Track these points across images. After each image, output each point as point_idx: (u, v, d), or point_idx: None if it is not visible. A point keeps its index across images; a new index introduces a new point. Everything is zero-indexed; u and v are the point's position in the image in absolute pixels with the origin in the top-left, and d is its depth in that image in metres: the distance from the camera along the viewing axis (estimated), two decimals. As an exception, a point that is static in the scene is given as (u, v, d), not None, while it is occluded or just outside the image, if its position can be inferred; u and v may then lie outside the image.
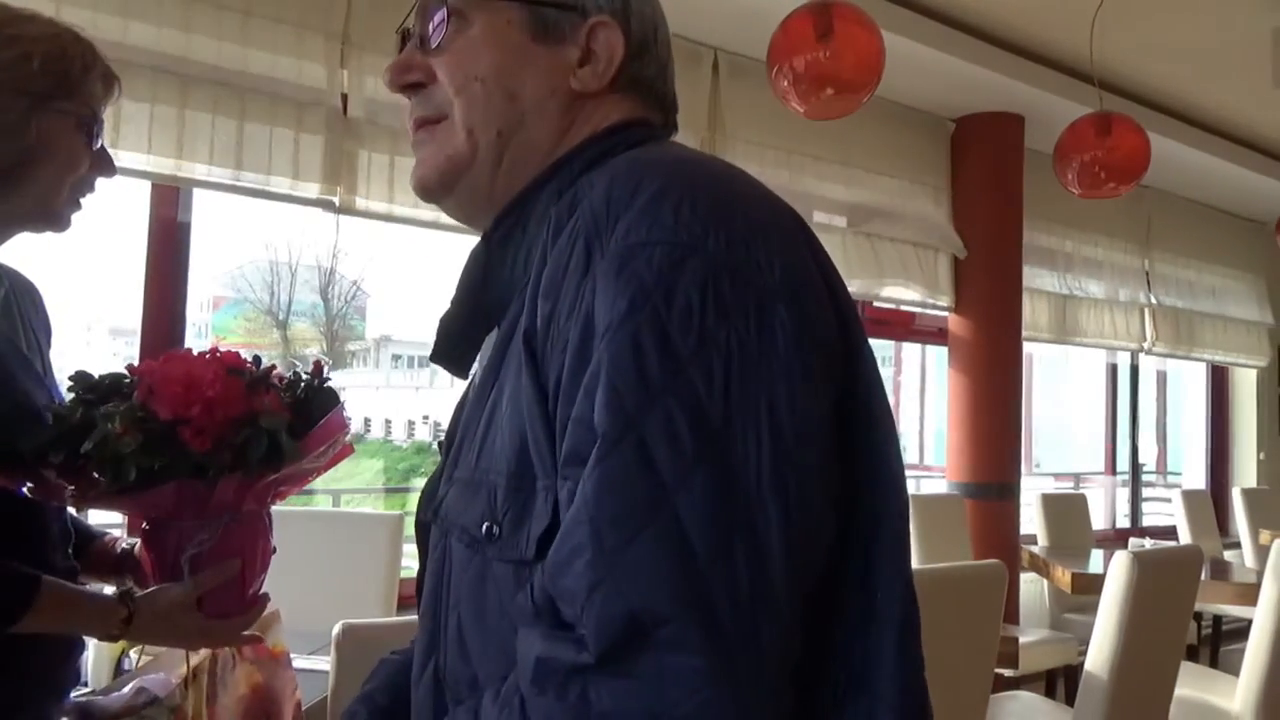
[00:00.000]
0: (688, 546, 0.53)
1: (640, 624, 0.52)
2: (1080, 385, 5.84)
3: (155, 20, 2.40)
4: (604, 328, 0.57)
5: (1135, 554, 2.42)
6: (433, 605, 0.70)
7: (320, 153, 2.63)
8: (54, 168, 1.06)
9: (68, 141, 1.06)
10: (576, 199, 0.65)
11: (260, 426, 1.02)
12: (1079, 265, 4.79)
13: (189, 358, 1.06)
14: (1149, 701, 2.54)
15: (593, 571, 0.53)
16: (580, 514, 0.55)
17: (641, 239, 0.59)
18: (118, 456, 0.98)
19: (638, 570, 0.53)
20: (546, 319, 0.62)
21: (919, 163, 4.06)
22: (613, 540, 0.54)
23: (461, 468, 0.69)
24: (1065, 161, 3.24)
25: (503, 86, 0.74)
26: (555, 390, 0.60)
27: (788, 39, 2.48)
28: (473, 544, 0.65)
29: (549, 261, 0.64)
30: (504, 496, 0.63)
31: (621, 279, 0.58)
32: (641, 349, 0.56)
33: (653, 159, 0.67)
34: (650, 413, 0.55)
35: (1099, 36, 3.36)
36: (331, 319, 17.87)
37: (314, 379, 1.13)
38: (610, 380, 0.56)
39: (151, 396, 1.01)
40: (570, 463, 0.58)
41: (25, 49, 1.03)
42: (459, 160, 0.75)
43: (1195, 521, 4.99)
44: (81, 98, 1.07)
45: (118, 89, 1.14)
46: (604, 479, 0.55)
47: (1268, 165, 5.02)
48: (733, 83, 3.47)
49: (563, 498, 0.58)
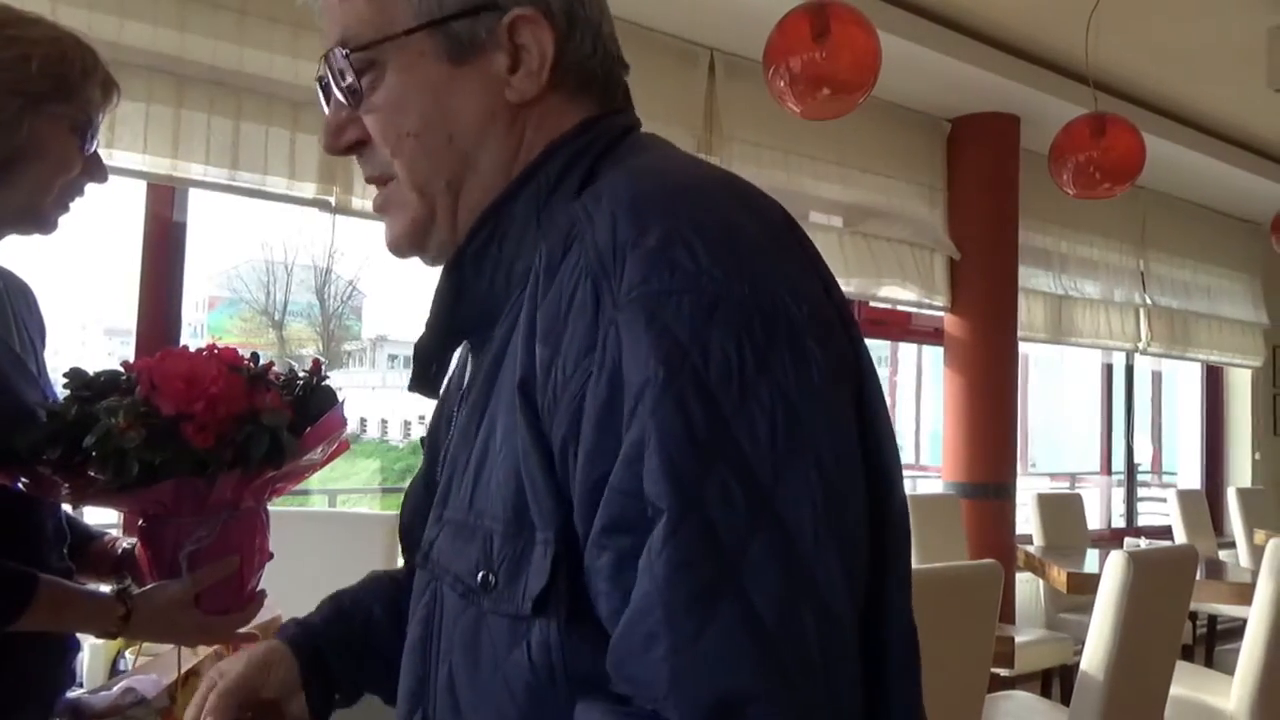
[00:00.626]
0: (759, 619, 0.52)
1: (728, 705, 0.51)
2: (1076, 385, 5.85)
3: (151, 20, 2.40)
4: (640, 387, 0.54)
5: (1131, 554, 2.42)
6: (421, 651, 0.67)
7: (316, 152, 2.63)
8: (44, 169, 1.06)
9: (60, 144, 1.06)
10: (573, 232, 0.60)
11: (262, 424, 1.02)
12: (1074, 265, 4.81)
13: (189, 355, 1.05)
14: (1144, 701, 2.55)
15: (673, 660, 0.52)
16: (652, 599, 0.52)
17: (666, 287, 0.55)
18: (120, 452, 0.98)
19: (719, 654, 0.51)
20: (547, 365, 0.59)
21: (915, 163, 4.06)
22: (690, 627, 0.52)
23: (452, 508, 0.66)
24: (1060, 162, 3.25)
25: (437, 133, 0.69)
26: (563, 444, 0.58)
27: (784, 39, 2.49)
28: (467, 593, 0.62)
29: (544, 301, 0.60)
30: (500, 544, 0.60)
31: (652, 333, 0.54)
32: (689, 415, 0.53)
33: (649, 188, 0.62)
34: (706, 483, 0.53)
35: (1094, 37, 3.37)
36: (327, 319, 17.84)
37: (312, 377, 1.13)
38: (665, 452, 0.53)
39: (154, 392, 1.00)
40: (612, 531, 0.55)
41: (25, 50, 1.03)
42: (420, 222, 0.71)
43: (1190, 521, 5.01)
44: (78, 102, 1.07)
45: (116, 96, 1.14)
46: (672, 561, 0.52)
47: (1262, 166, 5.03)
48: (729, 83, 3.47)
49: (601, 565, 0.55)
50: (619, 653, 0.54)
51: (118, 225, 2.89)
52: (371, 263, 16.36)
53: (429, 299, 0.74)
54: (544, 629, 0.58)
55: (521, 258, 0.67)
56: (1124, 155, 3.16)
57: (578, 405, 0.57)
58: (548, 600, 0.57)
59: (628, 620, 0.53)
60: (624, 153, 0.70)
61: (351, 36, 0.69)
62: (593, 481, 0.56)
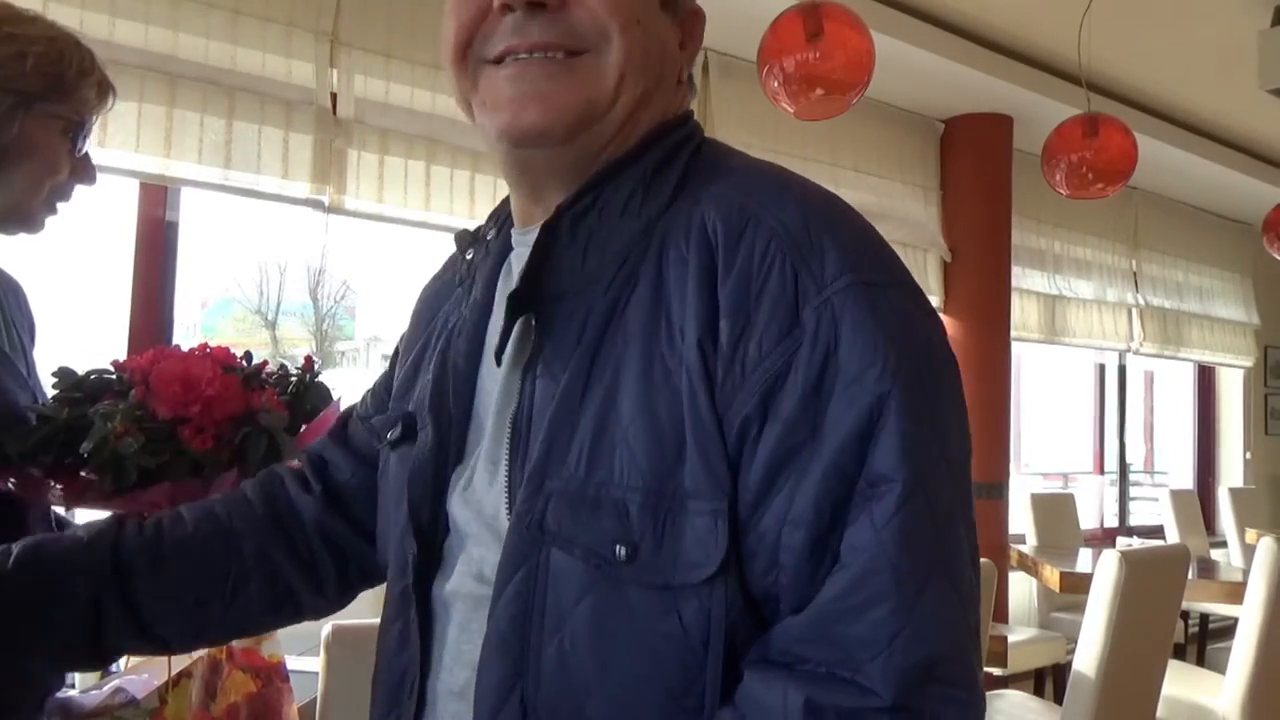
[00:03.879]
0: (961, 590, 0.58)
1: (931, 666, 0.56)
2: (1068, 385, 5.86)
3: (143, 18, 2.39)
4: (865, 371, 0.58)
5: (1123, 553, 2.43)
6: (520, 630, 0.63)
7: (309, 152, 2.62)
8: (33, 169, 1.05)
9: (50, 144, 1.05)
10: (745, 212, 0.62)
11: (260, 425, 1.02)
12: (1067, 266, 4.81)
13: (182, 355, 1.05)
14: (1137, 699, 2.55)
15: (895, 620, 0.55)
16: (879, 562, 0.56)
17: (881, 279, 0.61)
18: (118, 457, 0.96)
19: (933, 617, 0.56)
20: (734, 342, 0.60)
21: (908, 163, 4.07)
22: (912, 589, 0.56)
23: (560, 479, 0.63)
24: (1053, 162, 3.25)
25: (658, 37, 0.69)
26: (745, 421, 0.59)
27: (777, 39, 2.49)
28: (602, 565, 0.60)
29: (728, 279, 0.61)
30: (639, 515, 0.60)
31: (876, 320, 0.59)
32: (918, 398, 0.58)
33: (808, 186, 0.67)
34: (931, 462, 0.58)
35: (1087, 38, 3.38)
36: (321, 319, 17.79)
37: (305, 374, 1.12)
38: (900, 429, 0.57)
39: (150, 395, 1.00)
40: (819, 508, 0.58)
41: (21, 48, 1.02)
42: (598, 108, 0.66)
43: (1182, 520, 5.02)
44: (72, 103, 1.06)
45: (112, 98, 1.13)
46: (902, 528, 0.56)
47: (1254, 167, 5.05)
48: (723, 83, 3.47)
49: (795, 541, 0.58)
50: (829, 611, 0.57)
51: (110, 225, 2.88)
52: (365, 263, 16.29)
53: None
54: (704, 598, 0.59)
55: (618, 237, 0.67)
56: (1116, 156, 3.17)
57: (773, 382, 0.59)
58: (725, 570, 0.58)
59: (849, 583, 0.56)
60: (721, 149, 0.73)
61: None
62: (783, 454, 0.58)
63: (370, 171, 2.74)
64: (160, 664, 1.11)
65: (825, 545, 0.57)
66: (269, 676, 1.23)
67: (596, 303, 0.65)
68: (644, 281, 0.64)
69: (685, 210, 0.65)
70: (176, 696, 1.09)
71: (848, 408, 0.57)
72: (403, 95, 2.74)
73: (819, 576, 0.57)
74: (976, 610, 0.60)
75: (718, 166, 0.69)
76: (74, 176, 1.10)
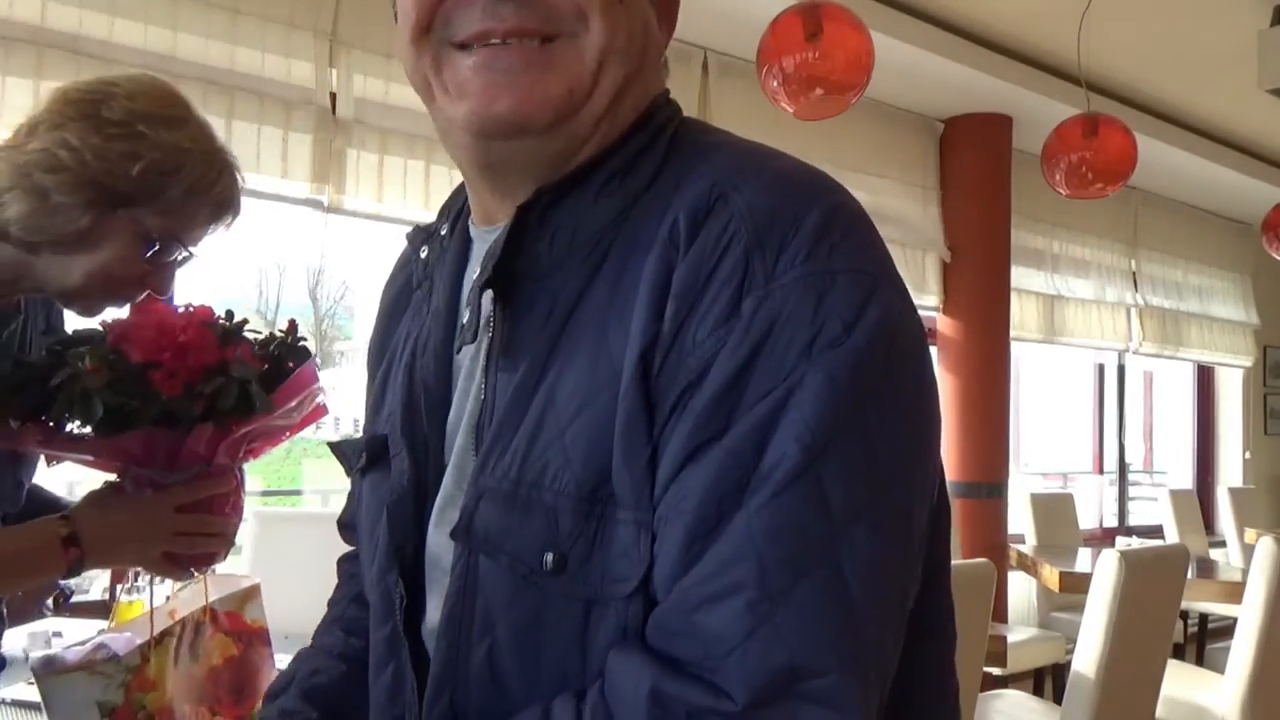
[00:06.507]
0: (849, 598, 0.50)
1: (795, 675, 0.49)
2: (1068, 385, 5.86)
3: (142, 18, 2.39)
4: (793, 358, 0.52)
5: (1122, 553, 2.43)
6: (452, 632, 0.60)
7: (309, 152, 2.62)
8: (97, 261, 1.03)
9: (119, 245, 1.03)
10: (713, 194, 0.57)
11: (231, 376, 1.01)
12: (1066, 265, 4.82)
13: (161, 308, 1.05)
14: (1136, 699, 2.55)
15: (753, 614, 0.49)
16: (745, 549, 0.50)
17: (839, 267, 0.54)
18: (85, 393, 0.97)
19: (802, 618, 0.50)
20: (676, 324, 0.55)
21: (908, 163, 4.07)
22: (779, 583, 0.50)
23: (492, 476, 0.59)
24: (1053, 162, 3.26)
25: (641, 15, 0.63)
26: (671, 410, 0.54)
27: (777, 39, 2.49)
28: (529, 575, 0.57)
29: (682, 262, 0.56)
30: (570, 524, 0.56)
31: (818, 312, 0.53)
32: (837, 388, 0.52)
33: (786, 165, 0.60)
34: (831, 450, 0.51)
35: (1087, 38, 3.38)
36: (320, 319, 17.81)
37: (287, 336, 1.12)
38: (801, 415, 0.51)
39: (124, 341, 1.00)
40: (707, 500, 0.52)
41: (138, 150, 1.00)
42: (578, 97, 0.61)
43: (1182, 520, 5.02)
44: (165, 216, 1.04)
45: (231, 218, 1.10)
46: (779, 515, 0.50)
47: (1253, 167, 5.05)
48: (722, 83, 3.47)
49: (674, 531, 0.53)
50: (689, 599, 0.51)
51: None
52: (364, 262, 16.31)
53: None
54: (620, 613, 0.55)
55: (590, 221, 0.61)
56: (1116, 155, 3.17)
57: (698, 374, 0.54)
58: (644, 585, 0.54)
59: (712, 568, 0.51)
60: (698, 127, 0.67)
61: None
62: (690, 449, 0.53)
63: (369, 171, 2.74)
64: (143, 622, 1.11)
65: (706, 536, 0.52)
66: (251, 640, 1.23)
67: (561, 288, 0.61)
68: (609, 267, 0.60)
69: (664, 195, 0.60)
70: (158, 655, 1.10)
71: (760, 399, 0.52)
72: (402, 95, 2.74)
73: (688, 563, 0.52)
74: (889, 625, 0.53)
75: (698, 145, 0.64)
76: (144, 282, 1.07)
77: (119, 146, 0.99)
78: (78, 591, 2.30)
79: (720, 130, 0.67)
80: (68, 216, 0.99)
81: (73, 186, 0.98)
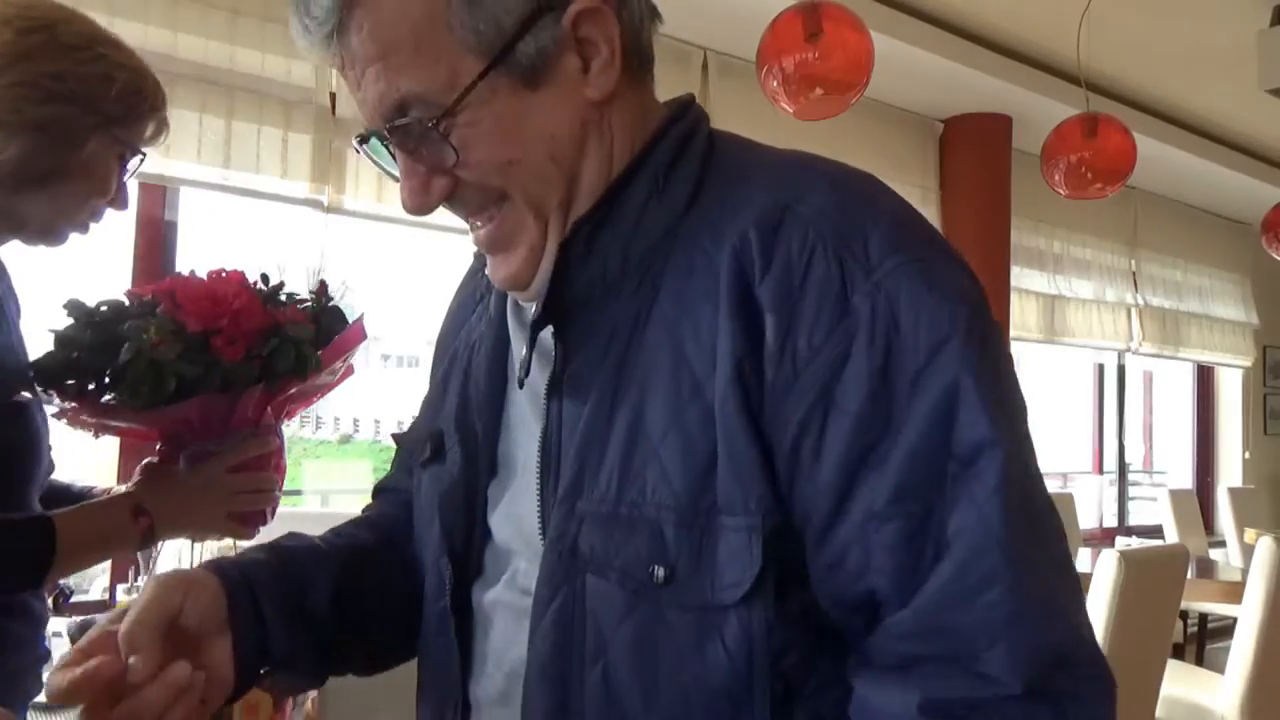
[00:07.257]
0: (1061, 559, 0.56)
1: (1057, 648, 0.53)
2: (1067, 385, 5.86)
3: (141, 18, 2.39)
4: (936, 346, 0.56)
5: (1122, 553, 2.43)
6: (560, 659, 0.61)
7: (308, 152, 2.62)
8: (84, 188, 1.04)
9: (107, 168, 1.05)
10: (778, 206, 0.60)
11: (287, 336, 1.04)
12: (1066, 265, 4.82)
13: (200, 279, 1.07)
14: (1136, 699, 2.55)
15: (1012, 601, 0.52)
16: (986, 541, 0.53)
17: (927, 253, 0.59)
18: (156, 367, 0.98)
19: (1049, 594, 0.54)
20: (781, 335, 0.57)
21: (907, 163, 4.07)
22: (1024, 566, 0.53)
23: (591, 500, 0.62)
24: (1052, 162, 3.25)
25: (537, 155, 0.64)
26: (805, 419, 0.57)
27: (777, 39, 2.49)
28: (640, 589, 0.59)
29: (765, 278, 0.58)
30: (675, 535, 0.58)
31: (937, 294, 0.57)
32: (992, 362, 0.57)
33: (836, 168, 0.67)
34: (1013, 427, 0.56)
35: (1086, 38, 3.38)
36: (320, 319, 17.69)
37: (319, 298, 1.15)
38: (983, 400, 0.55)
39: (179, 310, 1.02)
40: (903, 498, 0.55)
41: (108, 71, 1.01)
42: (539, 249, 0.66)
43: (1181, 520, 5.02)
44: (137, 131, 1.07)
45: (165, 135, 1.13)
46: (1005, 504, 0.54)
47: (1253, 167, 5.05)
48: (722, 83, 3.47)
49: (882, 537, 0.55)
50: (935, 605, 0.54)
51: (109, 225, 2.88)
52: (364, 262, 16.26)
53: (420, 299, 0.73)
54: (743, 618, 0.57)
55: (636, 243, 0.65)
56: (1115, 156, 3.17)
57: (830, 376, 0.56)
58: (760, 589, 0.56)
59: (956, 568, 0.53)
60: (736, 146, 0.71)
61: (420, 98, 0.62)
62: (858, 452, 0.56)
63: (369, 171, 2.73)
64: None
65: (924, 535, 0.54)
66: None
67: (619, 314, 0.64)
68: (667, 290, 0.62)
69: (712, 214, 0.63)
70: None
71: (923, 389, 0.55)
72: (402, 95, 2.74)
73: (922, 569, 0.54)
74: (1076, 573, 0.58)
75: (738, 163, 0.67)
76: (111, 201, 1.10)
77: (92, 70, 1.00)
78: (77, 591, 2.30)
79: (759, 145, 0.71)
80: (73, 143, 0.99)
81: (71, 115, 0.98)
